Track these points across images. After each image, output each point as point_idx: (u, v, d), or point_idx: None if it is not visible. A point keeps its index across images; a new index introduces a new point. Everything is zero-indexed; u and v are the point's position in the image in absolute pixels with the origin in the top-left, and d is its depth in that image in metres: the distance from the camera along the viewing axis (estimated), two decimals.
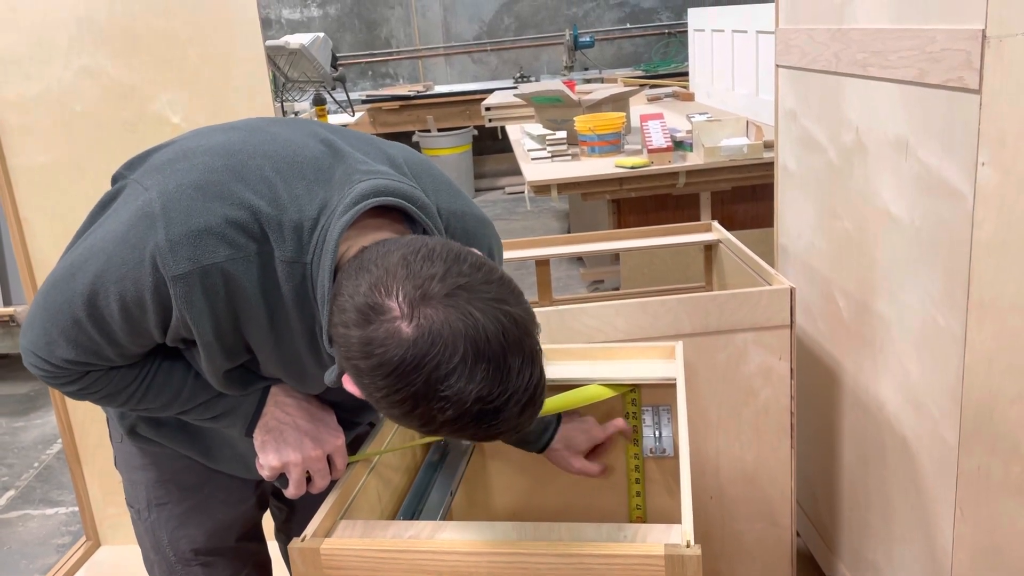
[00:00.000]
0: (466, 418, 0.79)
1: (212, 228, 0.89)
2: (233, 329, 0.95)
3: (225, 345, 0.96)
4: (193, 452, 1.15)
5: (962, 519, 1.31)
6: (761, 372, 1.66)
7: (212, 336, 0.94)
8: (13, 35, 1.94)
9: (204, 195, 0.91)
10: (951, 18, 1.20)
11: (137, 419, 1.14)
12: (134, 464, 1.20)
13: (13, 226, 2.05)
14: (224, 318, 0.93)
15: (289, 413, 1.06)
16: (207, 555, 1.20)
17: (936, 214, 1.29)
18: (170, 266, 0.89)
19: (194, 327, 0.93)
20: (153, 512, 1.20)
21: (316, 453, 1.05)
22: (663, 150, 3.11)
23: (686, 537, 0.91)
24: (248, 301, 0.93)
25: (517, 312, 0.81)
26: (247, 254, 0.91)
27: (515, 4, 7.26)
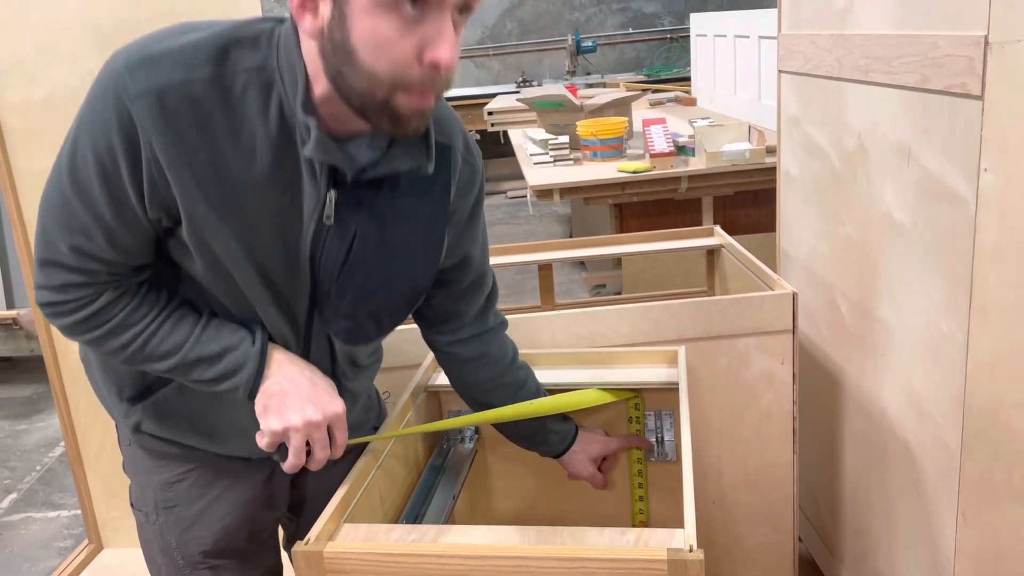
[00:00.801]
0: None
1: (170, 51, 0.92)
2: (212, 166, 0.95)
3: (208, 194, 0.95)
4: (198, 439, 1.14)
5: (964, 525, 1.31)
6: (763, 377, 1.66)
7: (188, 176, 0.93)
8: (18, 39, 1.95)
9: (162, 33, 0.95)
10: (953, 24, 1.20)
11: (143, 414, 1.13)
12: (143, 467, 1.20)
13: (17, 229, 2.05)
14: (196, 150, 0.93)
15: (291, 378, 1.05)
16: (215, 558, 1.20)
17: (938, 220, 1.30)
18: (129, 88, 0.90)
19: (163, 160, 0.92)
20: (162, 515, 1.19)
21: (317, 419, 1.02)
22: (665, 155, 3.12)
23: (689, 541, 0.91)
24: (216, 127, 0.93)
25: None
26: (205, 76, 0.92)
27: (518, 9, 7.28)
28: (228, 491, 1.19)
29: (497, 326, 1.31)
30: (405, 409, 1.33)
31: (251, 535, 1.22)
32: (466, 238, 1.17)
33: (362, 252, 1.03)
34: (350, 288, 1.05)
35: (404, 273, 1.08)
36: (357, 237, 1.02)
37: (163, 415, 1.13)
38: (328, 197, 0.99)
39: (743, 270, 1.92)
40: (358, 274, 1.04)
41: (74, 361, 2.14)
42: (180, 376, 1.06)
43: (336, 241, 1.02)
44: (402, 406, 1.33)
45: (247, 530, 1.21)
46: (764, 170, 3.03)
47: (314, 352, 1.11)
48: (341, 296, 1.05)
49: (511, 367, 1.31)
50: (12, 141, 2.01)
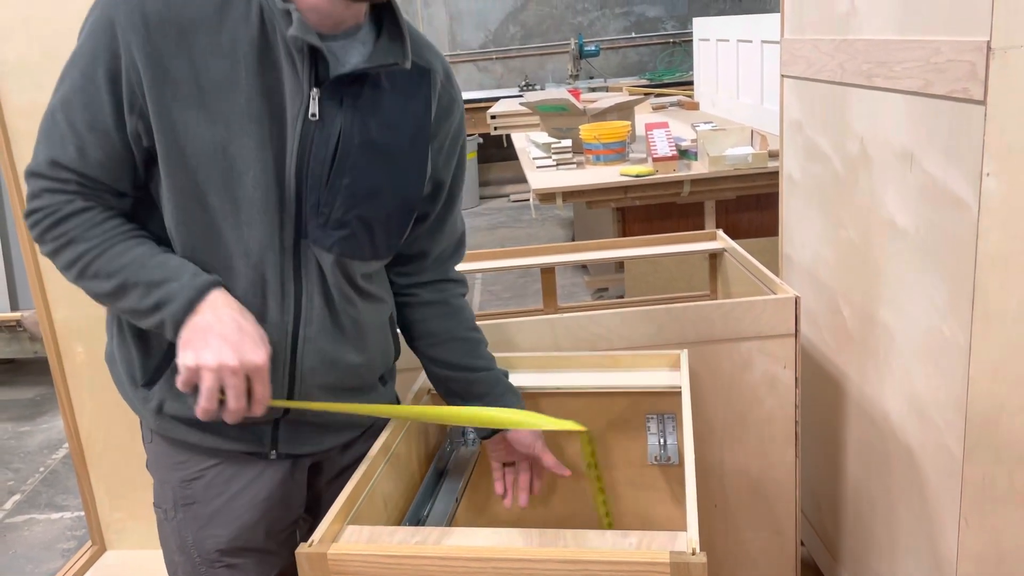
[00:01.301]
0: None
1: None
2: (192, 73, 1.00)
3: (189, 101, 1.00)
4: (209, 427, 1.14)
5: (966, 529, 1.31)
6: (766, 381, 1.67)
7: (167, 83, 0.99)
8: (24, 44, 1.96)
9: None
10: (956, 29, 1.21)
11: (161, 394, 1.13)
12: (164, 464, 1.21)
13: (22, 231, 2.06)
14: (177, 57, 0.99)
15: (220, 318, 1.02)
16: (232, 556, 1.21)
17: (941, 224, 1.30)
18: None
19: (142, 65, 0.99)
20: (180, 512, 1.20)
21: (233, 364, 0.99)
22: (668, 159, 3.12)
23: (691, 544, 0.92)
24: (197, 34, 0.99)
25: None
26: None
27: (521, 13, 7.30)
28: (245, 490, 1.19)
29: (460, 280, 1.33)
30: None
31: (268, 535, 1.23)
32: (441, 165, 1.21)
33: (348, 150, 1.07)
34: (339, 191, 1.07)
35: (391, 178, 1.11)
36: (342, 134, 1.06)
37: (178, 391, 1.11)
38: (312, 95, 1.03)
39: (745, 274, 1.92)
40: (347, 175, 1.07)
41: (79, 363, 2.15)
42: (116, 301, 1.06)
43: (322, 140, 1.05)
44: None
45: (263, 529, 1.22)
46: (766, 174, 3.04)
47: (305, 283, 1.11)
48: (331, 202, 1.07)
49: (466, 325, 1.31)
50: (17, 144, 2.02)
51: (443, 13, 7.22)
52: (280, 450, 1.18)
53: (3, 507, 2.86)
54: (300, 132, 1.04)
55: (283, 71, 1.03)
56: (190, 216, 1.06)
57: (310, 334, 1.12)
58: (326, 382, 1.17)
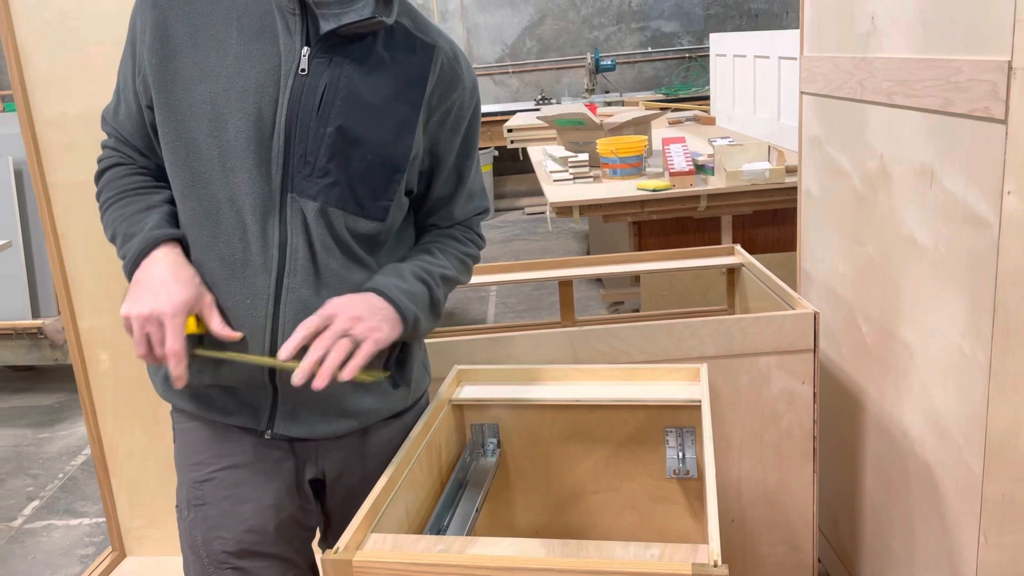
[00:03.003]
0: None
1: None
2: (190, 29, 1.11)
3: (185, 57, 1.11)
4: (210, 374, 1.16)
5: (986, 546, 1.31)
6: (784, 396, 1.67)
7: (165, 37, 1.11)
8: (54, 56, 2.00)
9: None
10: (977, 49, 1.22)
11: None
12: (182, 464, 1.25)
13: (50, 240, 2.10)
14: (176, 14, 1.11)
15: (152, 271, 1.10)
16: (239, 559, 1.23)
17: (961, 242, 1.31)
18: None
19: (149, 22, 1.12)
20: (191, 512, 1.23)
21: (146, 312, 1.06)
22: (685, 173, 3.14)
23: (713, 557, 0.92)
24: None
25: None
26: None
27: (537, 27, 7.34)
28: (252, 495, 1.22)
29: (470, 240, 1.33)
30: (429, 423, 1.35)
31: (276, 542, 1.24)
32: (442, 139, 1.22)
33: (333, 99, 1.12)
34: (324, 138, 1.12)
35: (374, 132, 1.14)
36: (328, 86, 1.12)
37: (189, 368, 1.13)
38: (303, 52, 1.11)
39: (764, 289, 1.93)
40: (331, 123, 1.12)
41: (102, 371, 2.18)
42: (119, 250, 1.17)
43: (309, 91, 1.11)
44: (426, 420, 1.34)
45: (271, 536, 1.23)
46: (783, 190, 3.04)
47: (291, 235, 1.13)
48: (316, 150, 1.12)
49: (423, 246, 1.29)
50: (47, 154, 2.05)
51: (460, 27, 7.28)
52: (276, 430, 1.19)
53: (22, 513, 2.89)
54: (291, 87, 1.11)
55: (277, 29, 1.11)
56: (181, 164, 1.14)
57: (293, 284, 1.13)
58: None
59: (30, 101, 2.03)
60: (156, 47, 1.12)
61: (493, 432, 1.49)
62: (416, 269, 1.21)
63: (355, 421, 1.24)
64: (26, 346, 3.63)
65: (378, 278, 1.18)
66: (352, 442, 1.26)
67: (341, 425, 1.23)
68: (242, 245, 1.13)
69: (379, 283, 1.16)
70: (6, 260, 3.45)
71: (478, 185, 1.33)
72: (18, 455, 3.33)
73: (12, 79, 2.01)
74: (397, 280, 1.17)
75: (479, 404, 1.48)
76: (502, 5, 7.27)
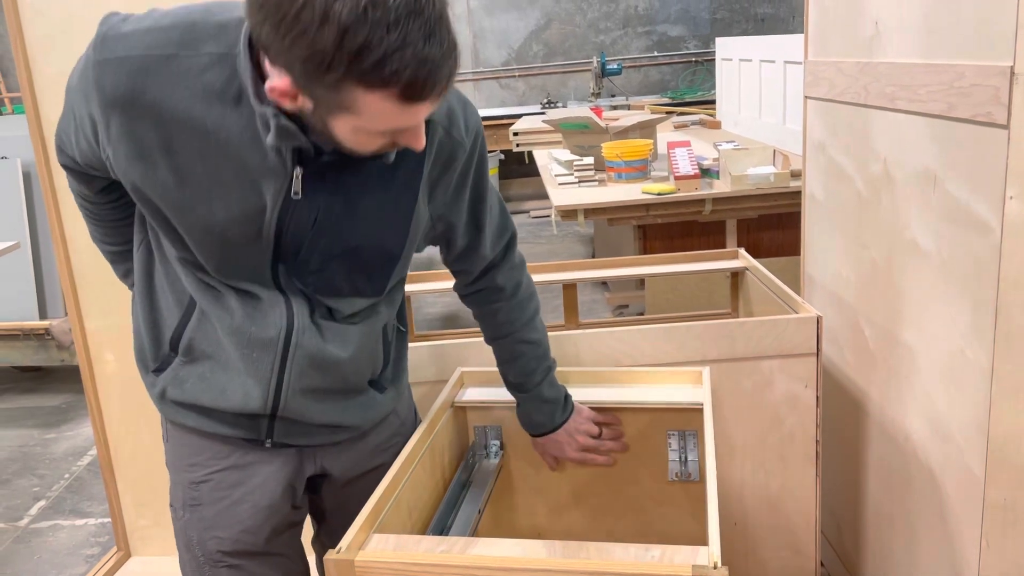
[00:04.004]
0: (365, 29, 0.80)
1: (139, 31, 0.99)
2: (162, 140, 1.00)
3: (158, 165, 1.02)
4: (211, 396, 1.18)
5: (988, 550, 1.31)
6: (787, 400, 1.67)
7: (135, 145, 1.01)
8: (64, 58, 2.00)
9: (146, 15, 1.02)
10: (980, 54, 1.22)
11: (165, 382, 1.20)
12: (177, 464, 1.26)
13: (58, 242, 2.11)
14: (148, 120, 0.99)
15: None
16: (234, 557, 1.25)
17: (964, 246, 1.31)
18: (97, 54, 0.99)
19: (114, 125, 1.00)
20: (187, 512, 1.25)
21: None
22: (690, 177, 3.14)
23: (713, 559, 0.93)
24: (171, 102, 0.98)
25: None
26: (165, 54, 0.97)
27: (544, 31, 7.36)
28: (248, 496, 1.23)
29: (501, 287, 1.32)
30: (432, 425, 1.36)
31: (268, 539, 1.26)
32: (449, 206, 1.20)
33: (327, 220, 1.08)
34: (316, 249, 1.10)
35: (371, 239, 1.12)
36: (322, 209, 1.07)
37: (181, 379, 1.19)
38: (295, 174, 1.03)
39: (767, 293, 1.93)
40: (324, 237, 1.09)
41: (109, 372, 2.19)
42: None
43: (303, 213, 1.06)
44: (430, 422, 1.35)
45: (265, 535, 1.25)
46: (788, 194, 3.05)
47: (292, 297, 1.13)
48: (309, 255, 1.11)
49: (504, 331, 1.34)
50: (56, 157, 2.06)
51: (467, 31, 7.30)
52: (275, 439, 1.21)
53: (28, 513, 2.91)
54: (280, 208, 1.05)
55: (266, 148, 1.00)
56: (171, 240, 1.12)
57: (301, 341, 1.14)
58: (312, 384, 1.18)
59: (38, 103, 2.05)
60: (125, 146, 1.02)
61: (496, 434, 1.49)
62: (542, 384, 1.36)
63: (354, 430, 1.27)
64: (33, 347, 3.65)
65: (535, 418, 1.39)
66: (352, 442, 1.28)
67: (340, 434, 1.26)
68: (249, 308, 1.13)
69: (547, 423, 1.39)
70: (14, 261, 3.47)
71: (499, 221, 1.29)
72: (25, 455, 3.34)
73: (21, 81, 2.03)
74: (549, 407, 1.38)
75: (482, 406, 1.48)
76: (508, 9, 7.28)
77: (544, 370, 1.37)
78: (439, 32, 0.84)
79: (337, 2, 0.79)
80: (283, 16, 0.81)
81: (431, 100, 0.88)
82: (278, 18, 0.82)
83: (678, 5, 7.28)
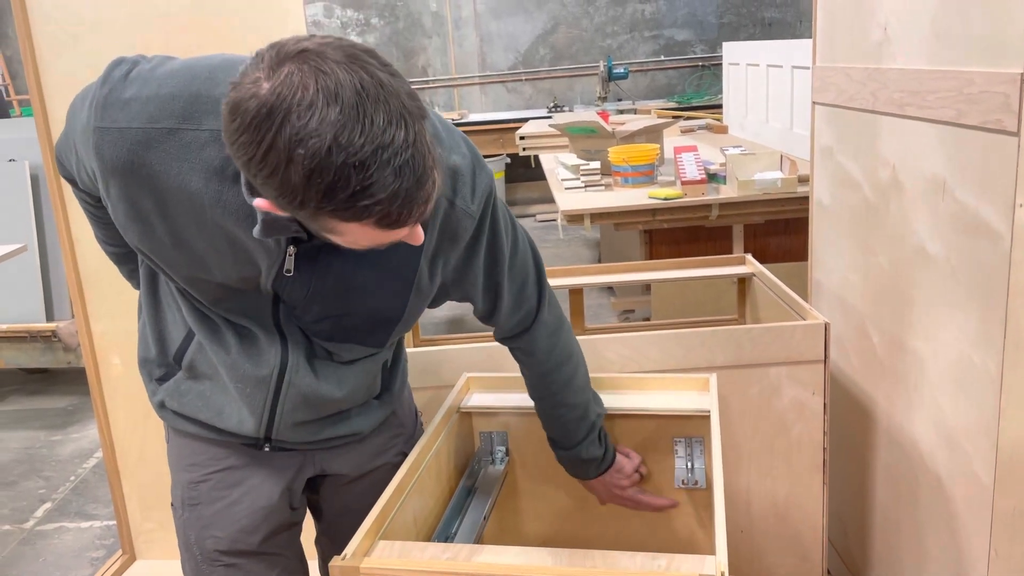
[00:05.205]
0: (331, 170, 0.78)
1: (141, 99, 0.97)
2: (158, 209, 1.00)
3: (155, 230, 1.02)
4: (209, 414, 1.19)
5: (997, 559, 1.30)
6: (794, 406, 1.66)
7: (132, 210, 1.01)
8: (73, 62, 2.02)
9: (147, 77, 0.99)
10: (990, 61, 1.21)
11: (165, 393, 1.22)
12: (177, 464, 1.28)
13: (65, 245, 2.12)
14: (145, 190, 0.99)
15: None
16: (231, 556, 1.26)
17: (973, 254, 1.30)
18: (97, 118, 0.98)
19: (113, 190, 1.00)
20: (186, 511, 1.26)
21: None
22: (697, 182, 3.13)
23: (720, 568, 0.92)
24: (168, 175, 0.97)
25: (384, 77, 0.81)
26: (166, 127, 0.96)
27: (551, 35, 7.36)
28: (246, 497, 1.24)
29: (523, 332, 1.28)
30: (438, 430, 1.35)
31: (265, 540, 1.27)
32: (466, 282, 1.16)
33: (320, 293, 1.08)
34: (311, 311, 1.10)
35: (367, 309, 1.11)
36: (315, 284, 1.07)
37: (182, 392, 1.21)
38: (288, 252, 1.03)
39: (774, 299, 1.93)
40: (318, 304, 1.09)
41: (115, 375, 2.19)
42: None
43: (296, 286, 1.07)
44: (435, 427, 1.35)
45: (261, 535, 1.27)
46: (796, 199, 3.03)
47: (288, 334, 1.14)
48: (304, 313, 1.11)
49: (545, 385, 1.32)
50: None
51: (473, 35, 7.31)
52: (273, 445, 1.22)
53: (34, 515, 2.91)
54: (275, 279, 1.05)
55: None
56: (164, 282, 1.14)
57: (295, 380, 1.15)
58: (304, 418, 1.19)
59: (47, 106, 2.05)
60: (124, 210, 1.03)
61: (502, 440, 1.49)
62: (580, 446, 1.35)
63: (352, 436, 1.28)
64: (40, 349, 3.66)
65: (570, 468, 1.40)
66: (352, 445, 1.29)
67: (339, 440, 1.27)
68: (248, 346, 1.14)
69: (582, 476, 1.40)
70: (21, 263, 3.48)
71: (522, 286, 1.23)
72: (31, 457, 3.35)
73: (29, 84, 2.03)
74: (585, 465, 1.38)
75: (488, 412, 1.48)
76: (515, 13, 7.29)
77: (585, 430, 1.35)
78: (412, 162, 0.81)
79: (300, 146, 0.78)
80: (251, 157, 0.80)
81: (412, 223, 0.86)
82: (247, 158, 0.81)
83: (685, 9, 7.27)
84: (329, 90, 0.78)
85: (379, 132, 0.78)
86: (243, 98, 0.80)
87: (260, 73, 0.80)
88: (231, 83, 0.82)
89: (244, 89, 0.80)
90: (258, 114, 0.79)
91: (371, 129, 0.78)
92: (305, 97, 0.78)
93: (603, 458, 1.39)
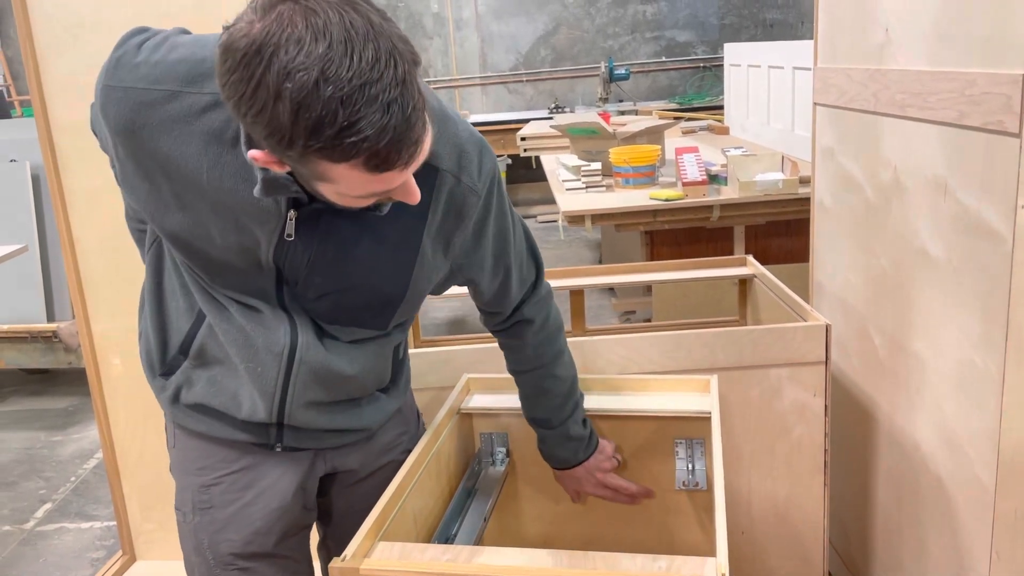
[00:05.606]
0: (318, 105, 0.78)
1: (149, 63, 0.99)
2: (162, 169, 1.01)
3: (161, 190, 1.03)
4: (222, 400, 1.18)
5: (998, 562, 1.30)
6: (795, 408, 1.66)
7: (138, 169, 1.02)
8: (74, 60, 2.02)
9: (158, 43, 1.02)
10: (991, 62, 1.21)
11: (176, 385, 1.20)
12: (186, 468, 1.26)
13: (66, 246, 2.12)
14: (148, 151, 1.00)
15: None
16: (245, 560, 1.24)
17: (975, 255, 1.30)
18: (106, 78, 1.01)
19: (121, 148, 1.02)
20: (197, 515, 1.24)
21: None
22: (698, 183, 3.13)
23: (721, 570, 0.92)
24: (170, 136, 0.98)
25: (376, 19, 0.81)
26: (169, 89, 0.98)
27: (552, 36, 7.36)
28: (259, 498, 1.23)
29: (529, 320, 1.30)
30: (439, 430, 1.35)
31: (279, 542, 1.26)
32: (474, 259, 1.17)
33: (321, 263, 1.07)
34: (312, 286, 1.10)
35: (366, 284, 1.11)
36: (315, 251, 1.06)
37: (191, 382, 1.19)
38: (289, 216, 1.03)
39: (776, 300, 1.92)
40: (319, 277, 1.09)
41: (115, 375, 2.19)
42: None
43: (297, 253, 1.06)
44: (435, 428, 1.35)
45: (276, 537, 1.25)
46: (797, 200, 3.03)
47: (295, 314, 1.13)
48: (306, 289, 1.11)
49: (529, 365, 1.33)
50: (64, 160, 2.07)
51: (475, 36, 7.31)
52: (284, 444, 1.22)
53: (34, 515, 2.91)
54: (275, 246, 1.05)
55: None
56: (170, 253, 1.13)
57: (306, 356, 1.14)
58: (316, 398, 1.18)
59: (47, 107, 2.05)
60: (130, 167, 1.05)
61: (502, 441, 1.49)
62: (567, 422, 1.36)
63: (361, 432, 1.27)
64: (40, 349, 3.66)
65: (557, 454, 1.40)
66: (362, 443, 1.29)
67: (349, 436, 1.27)
68: (253, 320, 1.13)
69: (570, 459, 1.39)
70: (22, 264, 3.48)
71: (527, 261, 1.27)
72: (31, 458, 3.35)
73: (30, 84, 2.03)
74: (573, 445, 1.38)
75: (488, 413, 1.48)
76: (517, 14, 7.29)
77: (571, 407, 1.36)
78: (401, 100, 0.81)
79: (288, 80, 0.78)
80: (241, 95, 0.81)
81: (401, 166, 0.86)
82: (237, 97, 0.82)
83: (687, 10, 7.27)
84: (318, 27, 0.79)
85: (367, 68, 0.79)
86: (235, 39, 0.81)
87: (253, 15, 0.82)
88: (224, 26, 0.84)
89: (236, 30, 0.82)
90: (247, 51, 0.80)
91: (359, 64, 0.79)
92: (294, 33, 0.79)
93: (589, 439, 1.39)
